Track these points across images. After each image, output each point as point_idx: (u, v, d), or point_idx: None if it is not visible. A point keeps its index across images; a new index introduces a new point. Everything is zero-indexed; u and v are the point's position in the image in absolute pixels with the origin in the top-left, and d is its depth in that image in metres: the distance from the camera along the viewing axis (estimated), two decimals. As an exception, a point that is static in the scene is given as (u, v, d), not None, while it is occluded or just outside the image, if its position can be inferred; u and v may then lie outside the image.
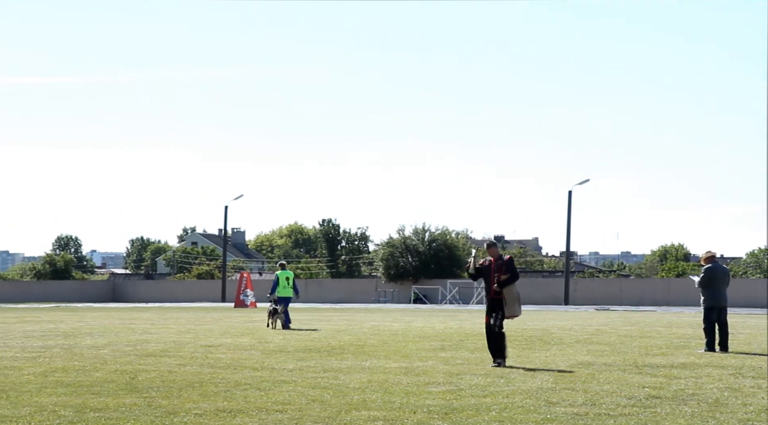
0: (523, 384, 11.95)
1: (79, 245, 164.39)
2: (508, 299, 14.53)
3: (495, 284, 14.56)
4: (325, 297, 67.96)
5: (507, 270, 14.61)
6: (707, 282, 17.90)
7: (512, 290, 14.57)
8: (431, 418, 9.23)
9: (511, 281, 14.60)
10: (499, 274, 14.59)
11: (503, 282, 14.54)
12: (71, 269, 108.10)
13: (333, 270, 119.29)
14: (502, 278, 14.55)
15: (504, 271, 14.59)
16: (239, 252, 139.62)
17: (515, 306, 14.57)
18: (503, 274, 14.57)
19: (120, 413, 9.48)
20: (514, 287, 14.62)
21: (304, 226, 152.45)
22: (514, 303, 14.56)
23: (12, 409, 9.71)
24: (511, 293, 14.55)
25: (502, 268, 14.63)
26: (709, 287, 17.91)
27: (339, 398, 10.64)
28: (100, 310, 46.28)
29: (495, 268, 14.69)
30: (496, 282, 14.55)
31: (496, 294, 14.60)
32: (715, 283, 17.91)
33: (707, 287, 17.92)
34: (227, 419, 9.15)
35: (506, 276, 14.55)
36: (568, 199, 60.05)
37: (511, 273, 14.62)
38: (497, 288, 14.55)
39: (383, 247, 71.90)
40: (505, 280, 14.55)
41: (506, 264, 14.68)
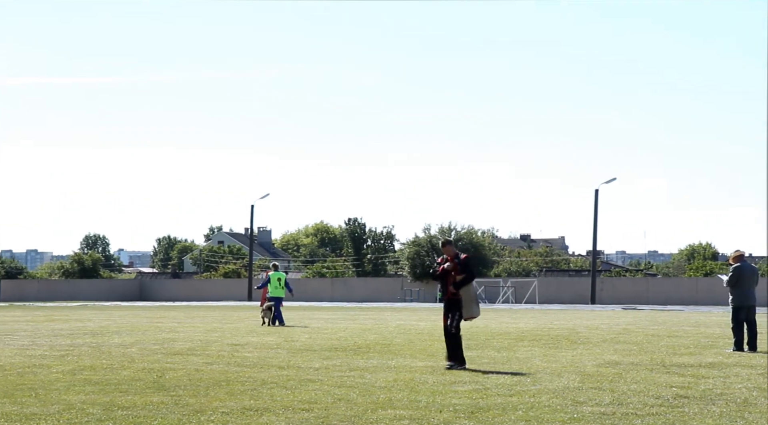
0: (549, 384, 11.91)
1: (106, 244, 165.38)
2: (465, 300, 13.97)
3: (451, 285, 13.97)
4: (350, 296, 68.02)
5: (463, 270, 14.01)
6: (736, 282, 17.76)
7: (469, 291, 14.02)
8: (457, 417, 9.21)
9: (467, 281, 14.03)
10: (455, 275, 13.99)
11: (459, 283, 13.97)
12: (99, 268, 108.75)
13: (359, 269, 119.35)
14: (458, 279, 13.97)
15: (460, 271, 13.98)
16: (265, 251, 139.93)
17: (473, 307, 14.01)
18: (459, 275, 13.97)
19: (147, 411, 9.53)
20: (471, 287, 14.07)
21: (330, 225, 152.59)
22: (472, 304, 14.00)
23: (41, 407, 9.78)
24: (468, 294, 14.00)
25: (458, 268, 14.00)
26: (738, 286, 17.76)
27: (365, 397, 10.64)
28: (128, 309, 46.54)
29: (452, 268, 14.05)
30: (452, 282, 13.99)
31: (453, 294, 14.03)
32: (744, 282, 17.76)
33: (736, 286, 17.78)
34: (254, 417, 9.17)
35: (462, 277, 13.97)
36: (594, 197, 59.80)
37: (466, 274, 14.02)
38: (453, 290, 13.99)
39: (409, 246, 71.87)
40: (461, 281, 13.97)
41: (462, 264, 14.07)
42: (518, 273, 75.55)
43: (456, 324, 13.97)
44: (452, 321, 14.01)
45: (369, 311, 42.50)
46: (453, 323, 13.98)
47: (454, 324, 13.97)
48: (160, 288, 78.13)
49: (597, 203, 59.71)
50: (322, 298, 68.16)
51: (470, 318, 14.07)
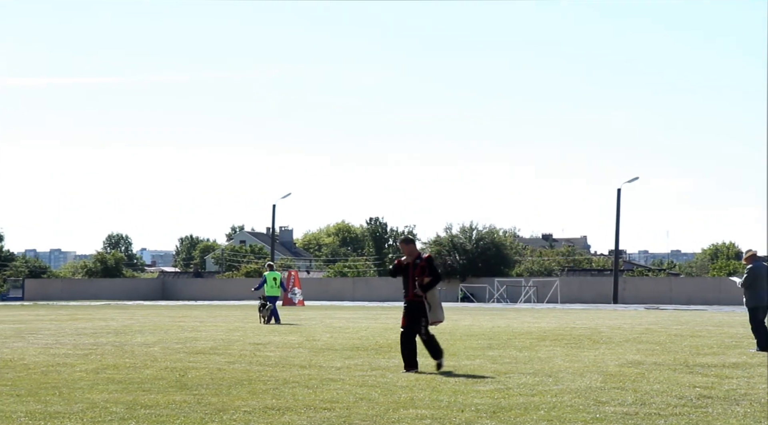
0: (571, 383, 11.87)
1: (129, 243, 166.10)
2: (432, 304, 13.34)
3: (415, 287, 13.31)
4: (372, 296, 68.06)
5: (429, 272, 13.37)
6: (751, 282, 17.51)
7: (435, 294, 13.41)
8: (479, 417, 9.20)
9: (434, 284, 13.39)
10: (421, 277, 13.31)
11: (426, 286, 13.30)
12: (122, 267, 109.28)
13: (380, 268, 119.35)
14: (424, 281, 13.31)
15: (426, 273, 13.34)
16: (287, 251, 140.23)
17: (439, 311, 13.40)
18: (425, 277, 13.33)
19: (170, 410, 9.57)
20: (435, 291, 13.44)
21: (352, 225, 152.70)
22: (438, 308, 13.39)
23: (65, 405, 9.84)
24: (435, 297, 13.39)
25: (423, 269, 13.35)
26: (753, 287, 17.52)
27: (387, 396, 10.64)
28: (150, 308, 46.75)
29: (413, 268, 13.40)
30: (418, 285, 13.28)
31: (416, 296, 13.34)
32: (759, 283, 17.48)
33: (750, 287, 17.54)
34: (276, 417, 9.19)
35: (428, 279, 13.33)
36: (617, 197, 59.58)
37: (433, 276, 13.38)
38: (419, 292, 13.30)
39: (430, 245, 71.83)
40: (429, 283, 13.33)
41: (427, 265, 13.40)
42: (540, 272, 75.37)
43: (425, 331, 13.39)
44: (420, 328, 13.36)
45: (390, 310, 42.50)
46: (422, 330, 13.36)
47: (423, 332, 13.36)
48: (182, 287, 78.43)
49: (619, 202, 59.52)
50: (343, 298, 68.24)
51: (436, 323, 13.46)
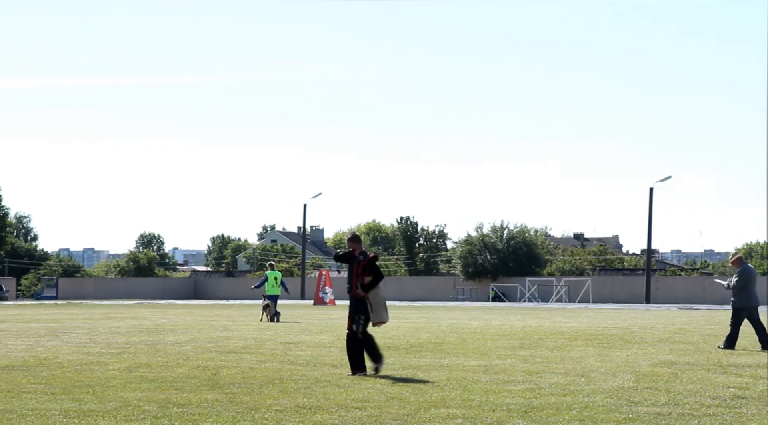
0: (604, 383, 11.81)
1: (161, 243, 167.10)
2: (374, 304, 12.99)
3: (357, 286, 13.05)
4: (403, 295, 68.02)
5: (369, 271, 13.03)
6: (744, 285, 17.90)
7: (378, 294, 13.06)
8: (510, 416, 9.17)
9: (375, 283, 13.04)
10: (363, 276, 13.02)
11: (367, 286, 12.99)
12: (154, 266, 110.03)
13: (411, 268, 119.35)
14: (366, 280, 13.00)
15: (367, 272, 13.03)
16: (318, 250, 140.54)
17: (382, 312, 13.06)
18: (367, 276, 13.01)
19: (202, 408, 9.61)
20: (379, 290, 13.12)
21: (382, 224, 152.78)
22: (381, 309, 13.04)
23: (98, 404, 9.91)
24: (377, 297, 13.03)
25: (365, 268, 13.05)
26: (745, 289, 17.94)
27: (418, 395, 10.63)
28: (182, 307, 47.00)
29: (357, 264, 13.10)
30: (360, 285, 13.02)
31: (358, 295, 13.08)
32: (750, 285, 18.00)
33: (742, 289, 17.93)
34: (307, 415, 9.21)
35: (370, 279, 13.01)
36: (649, 196, 59.22)
37: (374, 275, 13.04)
38: (360, 293, 13.03)
39: (461, 245, 71.72)
40: (369, 283, 13.00)
41: (369, 264, 13.07)
42: (572, 272, 75.03)
43: (363, 330, 13.02)
44: (358, 326, 13.01)
45: (421, 310, 42.48)
46: (359, 328, 12.99)
47: (360, 330, 13.01)
48: (214, 286, 78.80)
49: (651, 201, 59.15)
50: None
51: (379, 324, 13.12)
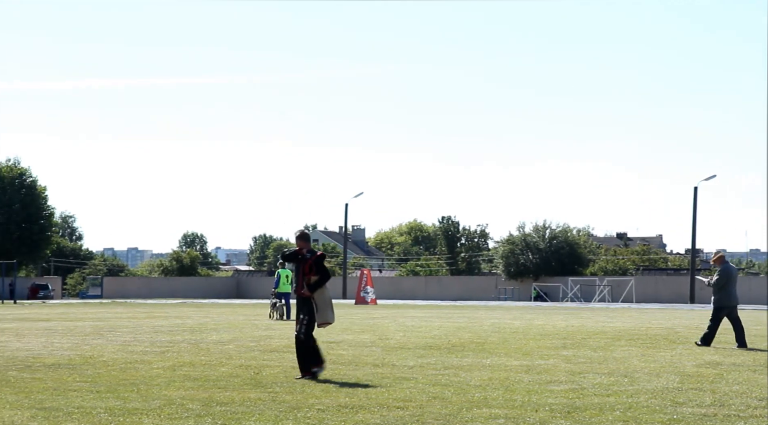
0: (647, 384, 11.72)
1: (204, 242, 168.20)
2: (320, 304, 12.59)
3: (304, 283, 12.66)
4: (444, 295, 67.97)
5: (317, 270, 12.62)
6: (724, 283, 18.12)
7: (324, 294, 12.68)
8: (553, 417, 9.13)
9: (322, 283, 12.62)
10: (309, 275, 12.61)
11: (313, 286, 12.58)
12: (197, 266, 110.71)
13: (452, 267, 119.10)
14: (312, 280, 12.60)
15: (314, 271, 12.62)
16: (359, 250, 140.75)
17: (328, 312, 12.66)
18: (313, 275, 12.60)
19: (245, 407, 9.66)
20: (326, 290, 12.72)
21: (424, 224, 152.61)
22: (327, 309, 12.65)
23: (142, 402, 10.00)
24: (323, 297, 12.65)
25: (311, 267, 12.64)
26: (725, 287, 18.17)
27: (460, 395, 10.61)
28: (225, 306, 47.27)
29: (304, 263, 12.68)
30: (305, 284, 12.63)
31: (304, 295, 12.69)
32: (731, 284, 18.22)
33: (723, 288, 18.16)
34: (349, 415, 9.22)
35: (316, 278, 12.60)
36: (693, 195, 58.68)
37: (321, 275, 12.63)
38: (305, 292, 12.63)
39: (503, 244, 71.53)
40: (315, 283, 12.59)
41: (315, 263, 12.66)
42: (615, 271, 74.53)
43: (306, 331, 12.56)
44: (301, 326, 12.59)
45: (463, 309, 42.41)
46: (302, 329, 12.56)
47: (303, 331, 12.55)
48: (256, 285, 79.18)
49: (696, 201, 58.60)
50: (416, 297, 68.28)
51: (324, 325, 12.72)
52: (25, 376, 12.42)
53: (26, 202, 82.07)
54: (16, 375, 12.49)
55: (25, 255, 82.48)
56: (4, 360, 14.76)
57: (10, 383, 11.65)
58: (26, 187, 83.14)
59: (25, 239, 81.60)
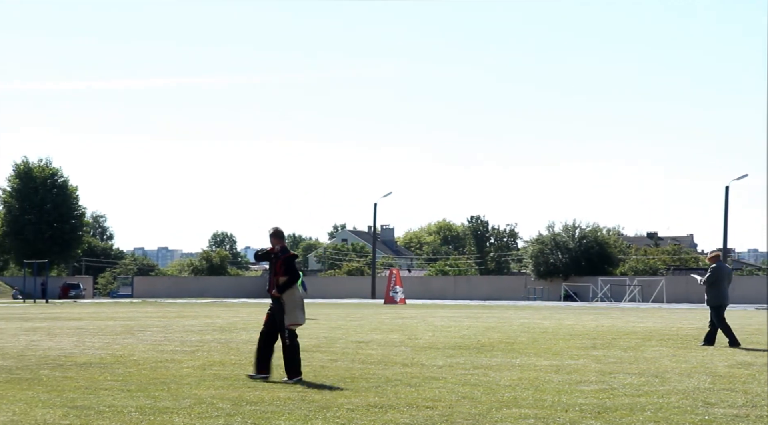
0: (679, 384, 11.64)
1: (233, 242, 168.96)
2: (288, 305, 12.24)
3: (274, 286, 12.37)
4: (473, 294, 67.85)
5: (285, 271, 12.31)
6: (714, 281, 18.34)
7: (293, 295, 12.33)
8: (584, 417, 9.09)
9: (290, 284, 12.30)
10: (278, 276, 12.32)
11: (281, 287, 12.25)
12: (226, 265, 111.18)
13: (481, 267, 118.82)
14: (280, 281, 12.28)
15: (282, 271, 12.31)
16: (388, 249, 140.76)
17: (297, 314, 12.28)
18: (281, 276, 12.29)
19: (275, 406, 9.69)
20: (295, 291, 12.38)
21: (453, 223, 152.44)
22: (295, 310, 12.28)
23: (173, 401, 10.05)
24: (292, 298, 12.30)
25: (282, 267, 12.32)
26: (716, 286, 18.39)
27: (489, 395, 10.59)
28: (254, 306, 47.42)
29: (275, 263, 12.39)
30: (275, 285, 12.34)
31: (275, 295, 12.38)
32: (722, 282, 18.43)
33: (713, 286, 18.39)
34: (378, 414, 9.23)
35: (284, 279, 12.27)
36: (725, 194, 58.24)
37: (289, 276, 12.29)
38: (275, 293, 12.32)
39: (532, 244, 71.30)
40: (284, 284, 12.25)
41: (285, 263, 12.33)
42: (645, 271, 74.08)
43: (289, 335, 12.19)
44: (283, 331, 12.23)
45: (492, 309, 42.32)
46: (285, 333, 12.20)
47: (286, 336, 12.18)
48: (285, 285, 79.23)
49: (727, 200, 58.18)
50: (445, 296, 68.22)
51: (293, 326, 12.28)
52: (57, 375, 12.53)
53: (58, 202, 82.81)
54: (48, 374, 12.60)
55: (57, 255, 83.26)
56: (36, 358, 14.89)
57: (43, 382, 11.76)
58: (58, 187, 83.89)
59: (56, 239, 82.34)
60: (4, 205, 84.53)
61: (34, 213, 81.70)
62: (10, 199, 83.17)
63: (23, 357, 15.22)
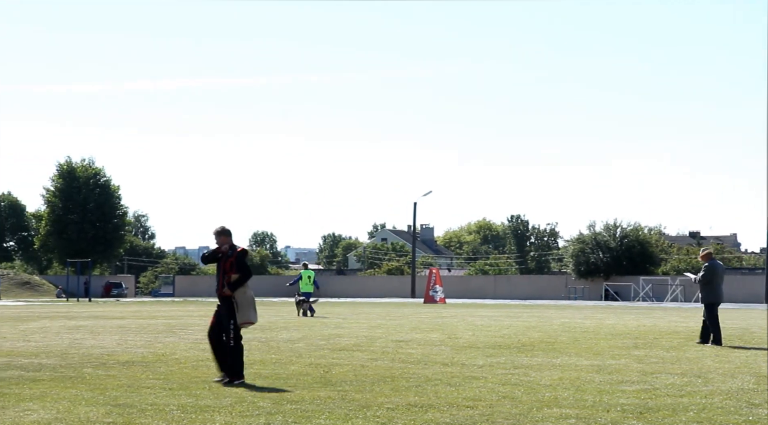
0: (722, 385, 11.52)
1: (274, 241, 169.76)
2: (241, 304, 11.95)
3: (224, 285, 12.02)
4: (513, 294, 67.63)
5: (237, 268, 12.00)
6: (709, 279, 18.57)
7: (245, 293, 12.05)
8: (625, 417, 9.02)
9: (243, 281, 12.01)
10: (229, 274, 11.98)
11: (234, 284, 11.93)
12: (267, 264, 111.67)
13: (522, 266, 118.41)
14: (232, 278, 11.96)
15: (234, 269, 11.99)
16: (428, 248, 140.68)
17: (250, 312, 12.01)
18: (233, 273, 11.97)
19: (315, 405, 9.71)
20: (247, 289, 12.11)
21: (493, 222, 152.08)
22: (248, 309, 12.01)
23: (214, 399, 10.11)
24: (245, 296, 12.02)
25: (233, 265, 12.01)
26: (710, 284, 18.61)
27: (530, 395, 10.55)
28: (294, 305, 47.54)
29: (225, 261, 12.05)
30: (226, 282, 11.99)
31: (225, 294, 12.03)
32: (716, 280, 18.66)
33: (708, 284, 18.61)
34: (419, 414, 9.22)
35: (236, 277, 11.96)
36: (767, 193, 57.53)
37: (242, 273, 12.01)
38: (226, 291, 11.97)
39: (573, 243, 70.95)
40: (236, 281, 11.94)
41: (236, 260, 12.02)
42: (687, 270, 73.45)
43: (234, 335, 11.92)
44: (228, 331, 11.92)
45: (532, 309, 42.16)
46: (230, 333, 11.90)
47: (231, 336, 11.91)
48: (325, 284, 79.55)
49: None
50: (485, 296, 68.05)
51: (246, 325, 12.05)
52: (100, 373, 12.65)
53: (100, 202, 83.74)
54: (91, 372, 12.73)
55: (100, 254, 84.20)
56: (79, 357, 15.05)
57: (86, 380, 11.88)
58: (100, 186, 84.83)
59: (99, 238, 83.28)
60: (47, 205, 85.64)
61: (77, 213, 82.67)
62: (54, 199, 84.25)
63: (67, 355, 15.40)
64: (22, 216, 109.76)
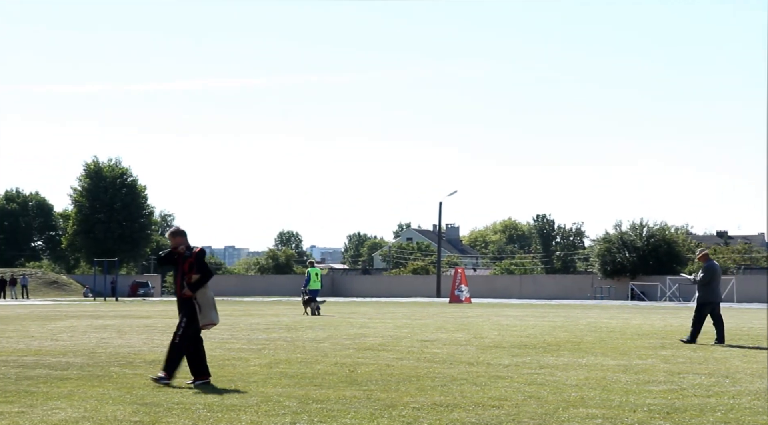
0: (750, 385, 11.44)
1: (299, 240, 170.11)
2: (203, 305, 11.77)
3: (184, 286, 11.83)
4: (539, 294, 67.44)
5: (197, 268, 11.83)
6: (709, 280, 18.70)
7: (206, 293, 11.89)
8: (652, 417, 8.97)
9: (204, 282, 11.84)
10: (189, 275, 11.81)
11: (194, 285, 11.75)
12: (292, 264, 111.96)
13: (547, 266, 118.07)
14: (192, 279, 11.78)
15: (194, 270, 11.83)
16: (453, 248, 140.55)
17: (211, 313, 11.82)
18: (193, 274, 11.80)
19: (341, 405, 9.72)
20: (208, 289, 11.95)
21: (518, 222, 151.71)
22: (210, 310, 11.83)
23: (240, 399, 10.14)
24: (206, 297, 11.85)
25: (192, 266, 11.84)
26: (710, 284, 18.74)
27: (556, 395, 10.51)
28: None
29: (183, 262, 11.86)
30: (186, 283, 11.81)
31: (185, 295, 11.84)
32: (715, 280, 18.78)
33: (708, 284, 18.72)
34: (444, 413, 9.21)
35: (197, 277, 11.80)
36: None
37: (202, 273, 11.84)
38: (187, 292, 11.78)
39: (599, 243, 70.65)
40: (197, 282, 11.78)
41: (196, 260, 11.85)
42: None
43: (181, 333, 11.68)
44: (179, 329, 11.71)
45: (558, 308, 42.01)
46: (178, 331, 11.71)
47: (179, 333, 11.69)
48: (351, 283, 79.66)
49: (799, 197, 57.00)
50: (510, 295, 67.90)
51: (208, 326, 11.85)
52: (127, 372, 12.72)
53: (127, 201, 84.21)
54: (118, 371, 12.81)
55: (126, 253, 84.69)
56: (106, 356, 15.14)
57: (113, 379, 11.95)
58: (127, 186, 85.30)
59: (126, 237, 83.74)
60: (75, 205, 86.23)
61: (104, 213, 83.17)
62: (81, 199, 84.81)
63: (94, 354, 15.50)
64: (49, 215, 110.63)
